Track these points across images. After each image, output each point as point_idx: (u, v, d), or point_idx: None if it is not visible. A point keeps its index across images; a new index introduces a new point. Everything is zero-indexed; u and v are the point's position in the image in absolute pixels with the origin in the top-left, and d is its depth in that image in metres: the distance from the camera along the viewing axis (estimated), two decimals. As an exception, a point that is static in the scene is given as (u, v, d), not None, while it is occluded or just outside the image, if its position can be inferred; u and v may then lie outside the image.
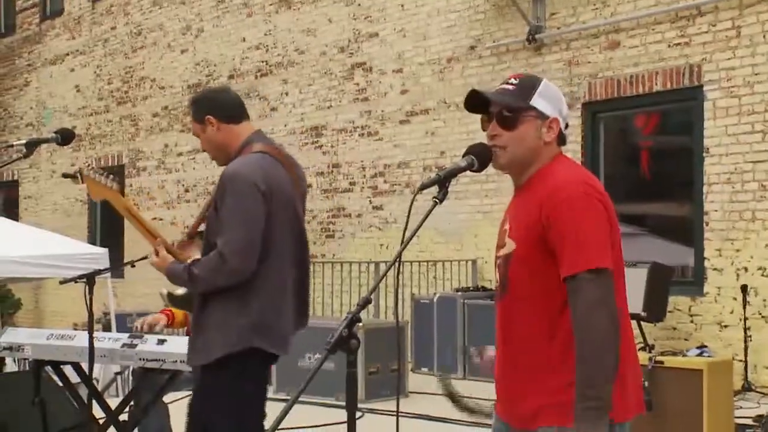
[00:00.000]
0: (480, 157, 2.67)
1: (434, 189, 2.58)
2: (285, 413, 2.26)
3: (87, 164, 16.46)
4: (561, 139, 2.72)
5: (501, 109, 2.66)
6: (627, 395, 2.59)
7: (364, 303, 2.38)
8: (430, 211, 2.49)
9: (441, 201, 2.53)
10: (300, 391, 2.28)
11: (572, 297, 2.50)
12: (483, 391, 7.73)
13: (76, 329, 8.65)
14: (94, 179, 3.86)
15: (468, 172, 2.71)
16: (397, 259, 2.47)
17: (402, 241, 2.44)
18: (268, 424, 2.28)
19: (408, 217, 2.54)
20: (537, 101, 2.67)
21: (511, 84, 2.70)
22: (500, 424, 2.77)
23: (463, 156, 2.68)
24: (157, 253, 3.82)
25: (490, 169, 2.77)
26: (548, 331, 2.57)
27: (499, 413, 2.78)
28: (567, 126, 2.75)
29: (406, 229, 2.50)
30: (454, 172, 2.60)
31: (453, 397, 3.03)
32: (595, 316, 2.45)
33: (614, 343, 2.46)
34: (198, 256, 3.81)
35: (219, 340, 3.67)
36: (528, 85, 2.69)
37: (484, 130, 2.73)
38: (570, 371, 2.50)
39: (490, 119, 2.69)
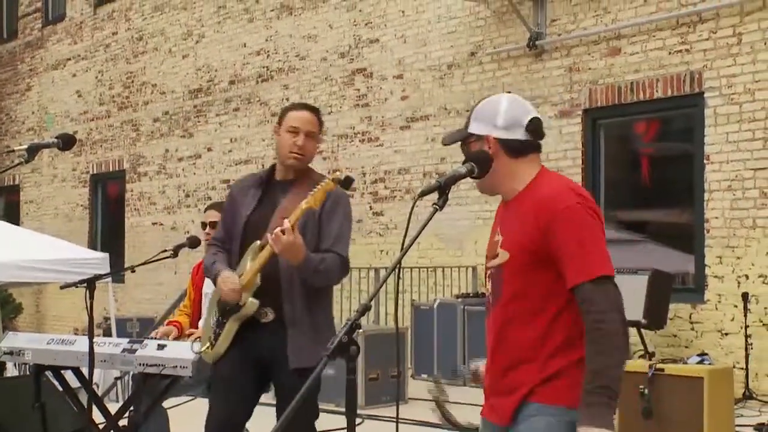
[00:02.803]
0: (480, 163, 2.68)
1: (434, 195, 2.58)
2: (286, 419, 2.27)
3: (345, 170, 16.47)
4: (527, 147, 2.73)
5: (456, 142, 2.85)
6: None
7: (364, 309, 2.39)
8: (429, 218, 2.50)
9: (441, 208, 2.54)
10: (299, 397, 2.28)
11: (582, 305, 2.57)
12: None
13: (76, 334, 8.64)
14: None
15: (469, 179, 2.72)
16: (397, 266, 2.48)
17: (402, 248, 2.45)
18: (267, 431, 2.28)
19: (408, 223, 2.55)
20: (472, 126, 2.78)
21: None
22: (487, 428, 2.82)
23: (463, 163, 2.69)
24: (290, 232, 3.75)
25: (492, 176, 2.79)
26: (543, 334, 2.64)
27: (486, 415, 2.83)
28: (536, 132, 2.74)
29: (405, 235, 2.50)
30: (455, 179, 2.61)
31: (440, 407, 3.04)
32: (606, 322, 2.53)
33: (626, 345, 2.56)
34: None
35: (320, 346, 3.98)
36: (470, 113, 2.81)
37: None
38: (563, 362, 2.60)
39: None
